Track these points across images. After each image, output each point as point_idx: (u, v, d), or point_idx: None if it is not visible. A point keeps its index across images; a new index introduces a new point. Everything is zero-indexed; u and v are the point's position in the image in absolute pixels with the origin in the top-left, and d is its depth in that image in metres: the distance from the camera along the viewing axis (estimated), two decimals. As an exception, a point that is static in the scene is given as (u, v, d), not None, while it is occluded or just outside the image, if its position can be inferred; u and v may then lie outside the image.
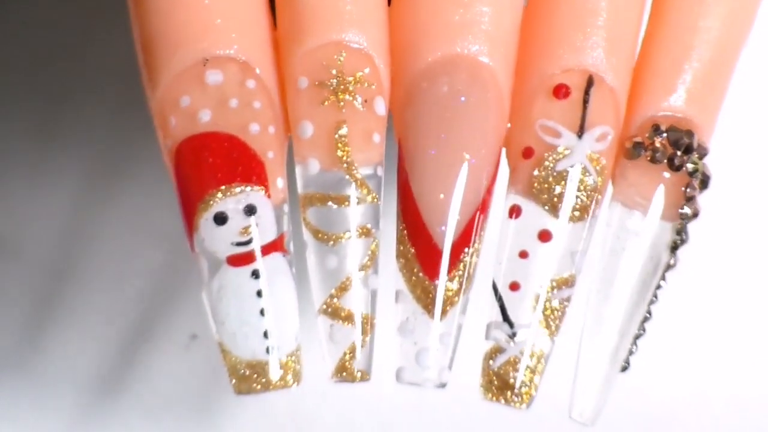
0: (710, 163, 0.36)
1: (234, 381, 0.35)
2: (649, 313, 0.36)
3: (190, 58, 0.34)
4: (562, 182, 0.35)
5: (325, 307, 0.35)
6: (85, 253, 0.56)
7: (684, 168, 0.35)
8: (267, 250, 0.34)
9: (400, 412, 0.56)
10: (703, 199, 0.36)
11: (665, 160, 0.35)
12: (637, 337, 0.36)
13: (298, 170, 0.35)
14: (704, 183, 0.36)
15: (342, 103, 0.35)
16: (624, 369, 0.36)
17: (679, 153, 0.35)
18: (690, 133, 0.36)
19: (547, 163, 0.35)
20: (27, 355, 0.55)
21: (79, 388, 0.55)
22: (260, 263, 0.34)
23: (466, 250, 0.35)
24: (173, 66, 0.34)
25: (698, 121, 0.36)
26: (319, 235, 0.35)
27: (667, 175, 0.36)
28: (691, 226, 0.36)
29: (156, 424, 0.55)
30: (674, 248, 0.36)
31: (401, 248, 0.35)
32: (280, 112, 0.35)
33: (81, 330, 0.55)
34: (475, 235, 0.35)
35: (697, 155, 0.36)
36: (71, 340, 0.55)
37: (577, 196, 0.35)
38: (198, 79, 0.34)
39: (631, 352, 0.36)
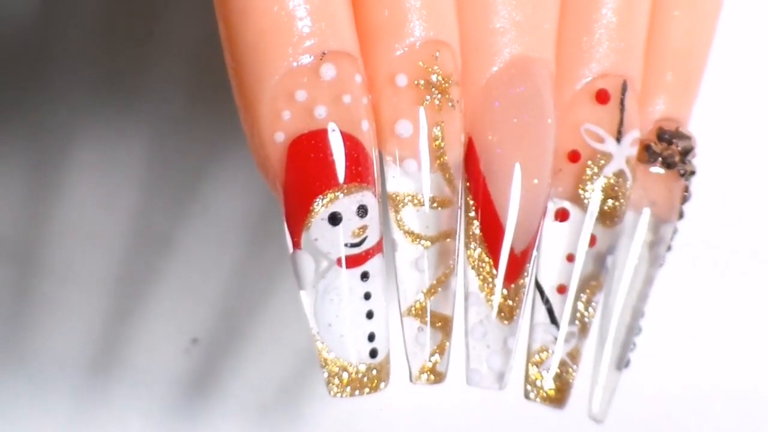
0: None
1: (333, 386, 0.34)
2: (643, 312, 0.40)
3: (307, 50, 0.33)
4: (608, 189, 0.37)
5: (412, 309, 0.35)
6: (86, 255, 0.53)
7: (689, 171, 0.39)
8: (374, 251, 0.34)
9: (402, 415, 0.55)
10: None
11: (674, 165, 0.38)
12: (636, 334, 0.40)
13: (390, 169, 0.35)
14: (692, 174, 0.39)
15: (439, 104, 0.34)
16: (625, 366, 0.40)
17: (686, 160, 0.38)
18: (690, 138, 0.38)
19: (595, 168, 0.37)
20: (26, 356, 0.52)
21: (79, 390, 0.53)
22: (369, 264, 0.34)
23: (531, 254, 0.36)
24: (290, 58, 0.33)
25: (686, 121, 0.39)
26: (414, 237, 0.35)
27: (662, 171, 0.39)
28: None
29: (156, 427, 0.53)
30: (669, 248, 0.40)
31: (478, 251, 0.36)
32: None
33: (81, 332, 0.53)
34: (537, 240, 0.37)
35: (690, 156, 0.39)
36: (71, 343, 0.53)
37: (620, 203, 0.37)
38: (314, 72, 0.33)
39: (631, 349, 0.40)
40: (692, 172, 0.38)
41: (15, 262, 0.53)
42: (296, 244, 0.33)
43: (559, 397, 0.37)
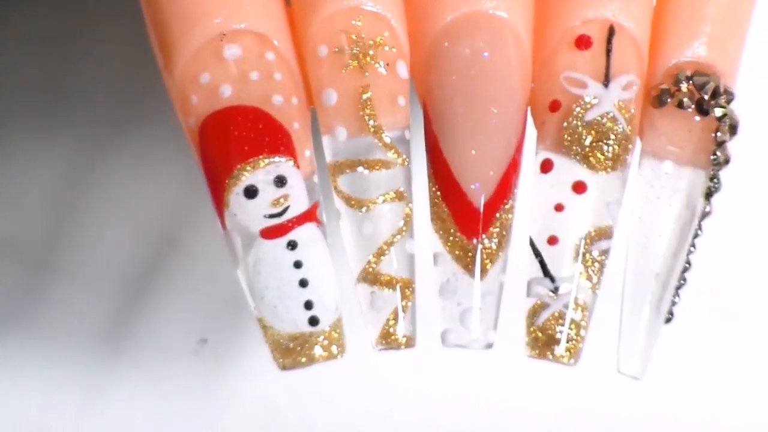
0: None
1: (278, 357, 0.34)
2: (689, 263, 0.36)
3: (206, 34, 0.34)
4: (593, 132, 0.35)
5: (363, 274, 0.34)
6: (94, 256, 0.55)
7: (712, 112, 0.35)
8: (301, 220, 0.34)
9: (411, 416, 0.56)
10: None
11: (693, 106, 0.35)
12: (679, 287, 0.36)
13: (325, 140, 0.35)
14: (733, 128, 0.35)
15: (364, 68, 0.34)
16: (668, 320, 0.36)
17: (706, 97, 0.35)
18: (716, 77, 0.35)
19: (575, 113, 0.35)
20: (34, 355, 0.55)
21: (86, 389, 0.55)
22: (295, 233, 0.34)
23: (501, 206, 0.35)
24: (190, 43, 0.34)
25: (721, 66, 0.36)
26: (352, 202, 0.35)
27: (696, 120, 0.35)
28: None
29: (164, 427, 0.55)
30: (708, 195, 0.36)
31: (435, 210, 0.35)
32: (300, 83, 0.35)
33: (89, 332, 0.55)
34: (509, 191, 0.35)
35: (723, 99, 0.35)
36: (79, 343, 0.55)
37: (609, 145, 0.35)
38: (216, 54, 0.34)
39: (673, 303, 0.36)
40: (723, 114, 0.35)
41: (23, 262, 0.55)
42: (222, 224, 0.34)
43: (565, 352, 0.35)
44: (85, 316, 0.55)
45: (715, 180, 0.35)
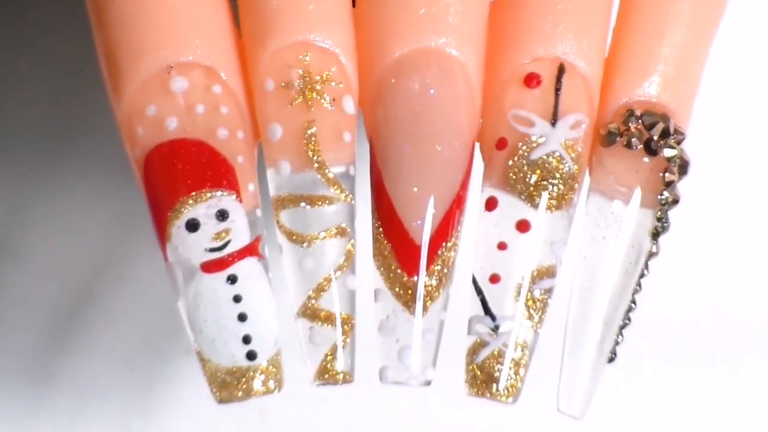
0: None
1: (215, 390, 0.34)
2: (634, 302, 0.36)
3: (153, 66, 0.34)
4: (538, 170, 0.34)
5: (303, 309, 0.35)
6: (86, 255, 0.56)
7: (661, 153, 0.35)
8: (242, 254, 0.34)
9: (398, 414, 0.56)
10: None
11: (641, 146, 0.35)
12: (623, 327, 0.36)
13: (269, 174, 0.35)
14: (683, 168, 0.35)
15: (310, 103, 0.34)
16: (611, 360, 0.36)
17: (655, 137, 0.35)
18: (666, 117, 0.35)
19: (521, 152, 0.35)
20: (25, 356, 0.55)
21: (79, 390, 0.55)
22: (235, 268, 0.34)
23: (443, 244, 0.34)
24: (137, 75, 0.34)
25: (673, 106, 0.36)
26: (294, 237, 0.35)
27: (645, 160, 0.35)
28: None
29: (156, 427, 0.55)
30: (656, 235, 0.35)
31: (378, 246, 0.35)
32: (248, 117, 0.35)
33: (81, 332, 0.55)
34: (452, 229, 0.35)
35: (674, 140, 0.35)
36: (71, 343, 0.55)
37: (554, 185, 0.35)
38: (163, 86, 0.34)
39: (617, 343, 0.36)
40: (673, 155, 0.34)
41: (13, 262, 0.55)
42: (165, 257, 0.35)
43: (503, 391, 0.35)
44: (77, 316, 0.55)
45: (663, 220, 0.35)
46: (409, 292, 0.34)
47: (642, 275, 0.36)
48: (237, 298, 0.34)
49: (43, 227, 0.56)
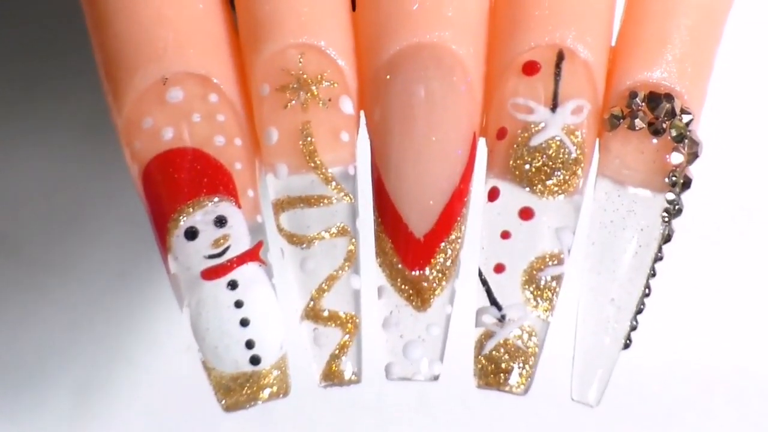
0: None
1: (220, 397, 0.34)
2: (649, 288, 0.35)
3: (148, 79, 0.34)
4: (538, 157, 0.34)
5: (306, 311, 0.34)
6: (87, 252, 0.56)
7: (667, 133, 0.34)
8: (242, 260, 0.34)
9: (400, 411, 0.55)
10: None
11: (645, 126, 0.34)
12: (638, 312, 0.35)
13: (268, 179, 0.35)
14: (693, 148, 0.34)
15: (305, 105, 0.34)
16: (626, 346, 0.35)
17: (659, 117, 0.34)
18: (669, 97, 0.34)
19: (521, 139, 0.34)
20: (27, 353, 0.55)
21: (80, 388, 0.55)
22: (236, 273, 0.34)
23: (445, 237, 0.34)
24: (133, 89, 0.34)
25: (680, 87, 0.35)
26: (294, 239, 0.34)
27: (653, 142, 0.34)
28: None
29: (157, 424, 0.55)
30: (667, 219, 0.34)
31: (379, 243, 0.35)
32: (246, 124, 0.35)
33: (82, 329, 0.55)
34: (454, 222, 0.34)
35: (680, 119, 0.34)
36: (72, 340, 0.55)
37: (556, 170, 0.34)
38: (159, 98, 0.34)
39: (632, 328, 0.35)
40: (680, 135, 0.34)
41: (16, 258, 0.55)
42: (167, 268, 0.35)
43: (512, 381, 0.34)
44: (78, 313, 0.55)
45: (675, 203, 0.34)
46: (412, 286, 0.34)
47: (657, 259, 0.34)
48: (238, 304, 0.34)
49: (43, 225, 0.56)
